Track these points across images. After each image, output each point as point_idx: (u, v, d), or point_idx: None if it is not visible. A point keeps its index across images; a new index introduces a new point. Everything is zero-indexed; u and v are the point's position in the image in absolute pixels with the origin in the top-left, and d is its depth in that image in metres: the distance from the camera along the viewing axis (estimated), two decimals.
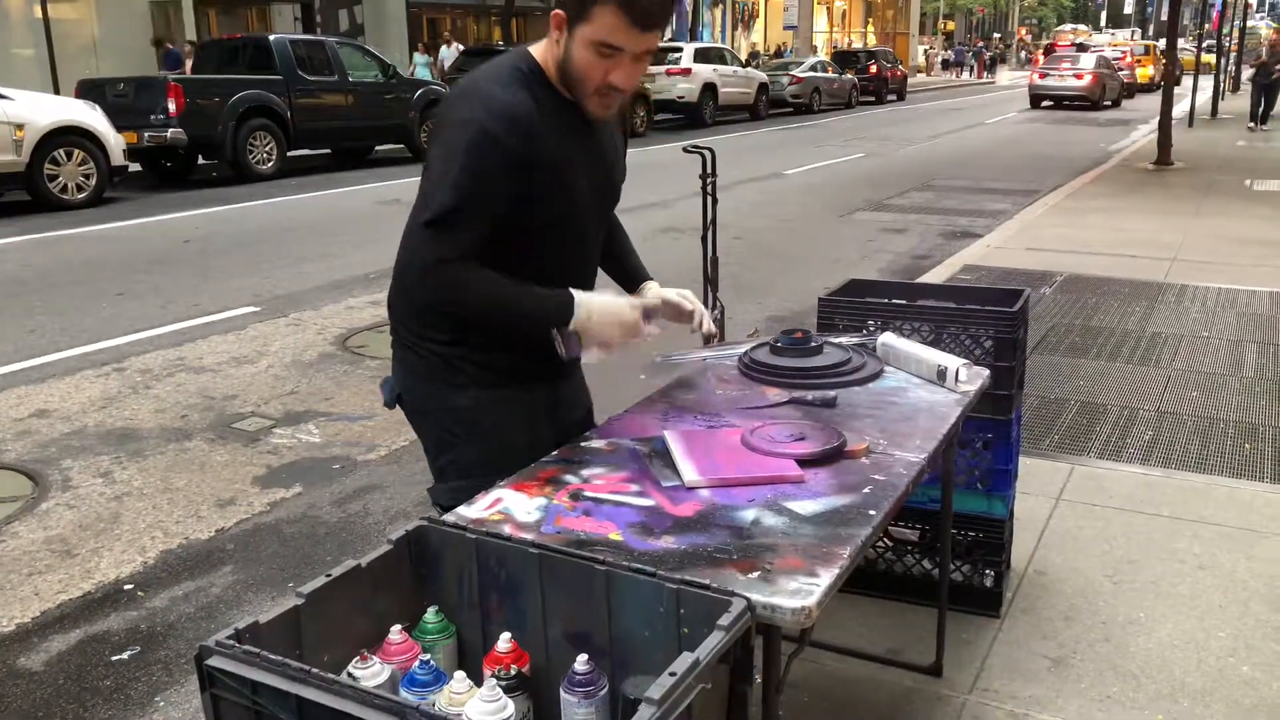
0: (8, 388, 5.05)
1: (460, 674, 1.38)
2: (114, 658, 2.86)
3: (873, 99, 28.57)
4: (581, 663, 1.34)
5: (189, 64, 15.83)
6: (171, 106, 11.87)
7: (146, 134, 11.86)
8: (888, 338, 2.42)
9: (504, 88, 1.80)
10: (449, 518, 1.63)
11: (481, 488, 1.78)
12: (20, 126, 10.05)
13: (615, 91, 1.83)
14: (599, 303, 1.90)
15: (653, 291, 2.23)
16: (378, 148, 15.34)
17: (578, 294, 1.89)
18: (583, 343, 1.92)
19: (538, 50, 1.88)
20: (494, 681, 1.34)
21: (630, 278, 2.26)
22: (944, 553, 2.55)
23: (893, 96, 29.92)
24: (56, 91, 14.18)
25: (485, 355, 1.95)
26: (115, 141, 10.94)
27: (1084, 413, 4.38)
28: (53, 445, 4.35)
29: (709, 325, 2.25)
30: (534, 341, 1.92)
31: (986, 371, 2.32)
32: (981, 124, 21.71)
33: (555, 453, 1.94)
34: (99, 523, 3.65)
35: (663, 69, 20.44)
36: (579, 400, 2.20)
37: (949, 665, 2.54)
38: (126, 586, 3.23)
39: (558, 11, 1.80)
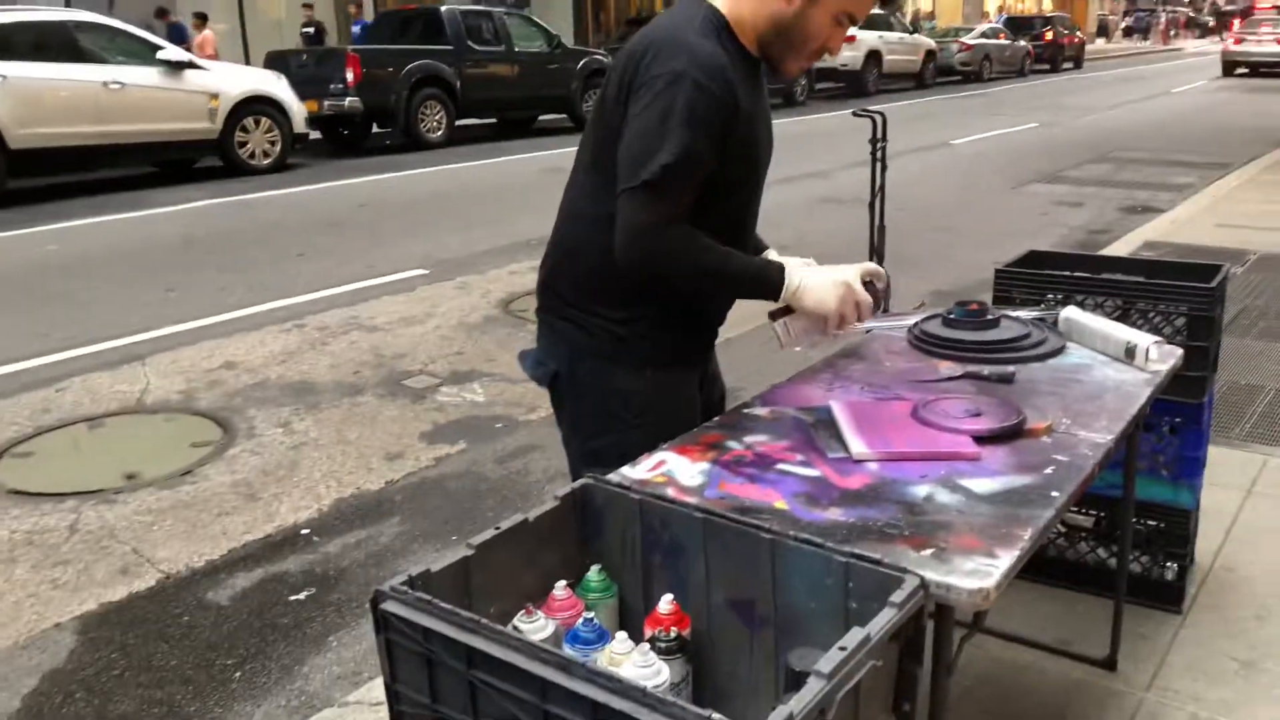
0: (201, 340, 5.41)
1: (623, 634, 1.38)
2: (292, 597, 3.02)
3: (1047, 67, 27.16)
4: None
5: (199, 37, 14.61)
6: (350, 76, 12.39)
7: (326, 102, 12.43)
8: (1070, 312, 2.29)
9: (704, 38, 1.74)
10: (613, 477, 1.63)
11: None
12: (215, 96, 10.68)
13: (822, 55, 1.86)
14: (811, 275, 1.82)
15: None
16: (541, 117, 15.60)
17: (790, 264, 1.83)
18: (785, 321, 1.86)
19: (723, 3, 1.82)
20: (647, 645, 1.34)
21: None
22: (1124, 541, 2.41)
23: (1069, 64, 28.36)
24: (248, 63, 15.00)
25: (658, 334, 1.89)
26: (298, 110, 11.53)
27: None
28: (239, 395, 4.63)
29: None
30: (704, 318, 1.94)
31: (1179, 350, 2.17)
32: (1167, 93, 20.34)
33: (717, 419, 1.92)
34: (279, 470, 3.87)
35: None
36: (718, 377, 2.16)
37: (1124, 660, 2.40)
38: (304, 531, 3.41)
39: None
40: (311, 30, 16.81)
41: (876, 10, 22.10)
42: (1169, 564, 2.66)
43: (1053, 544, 2.76)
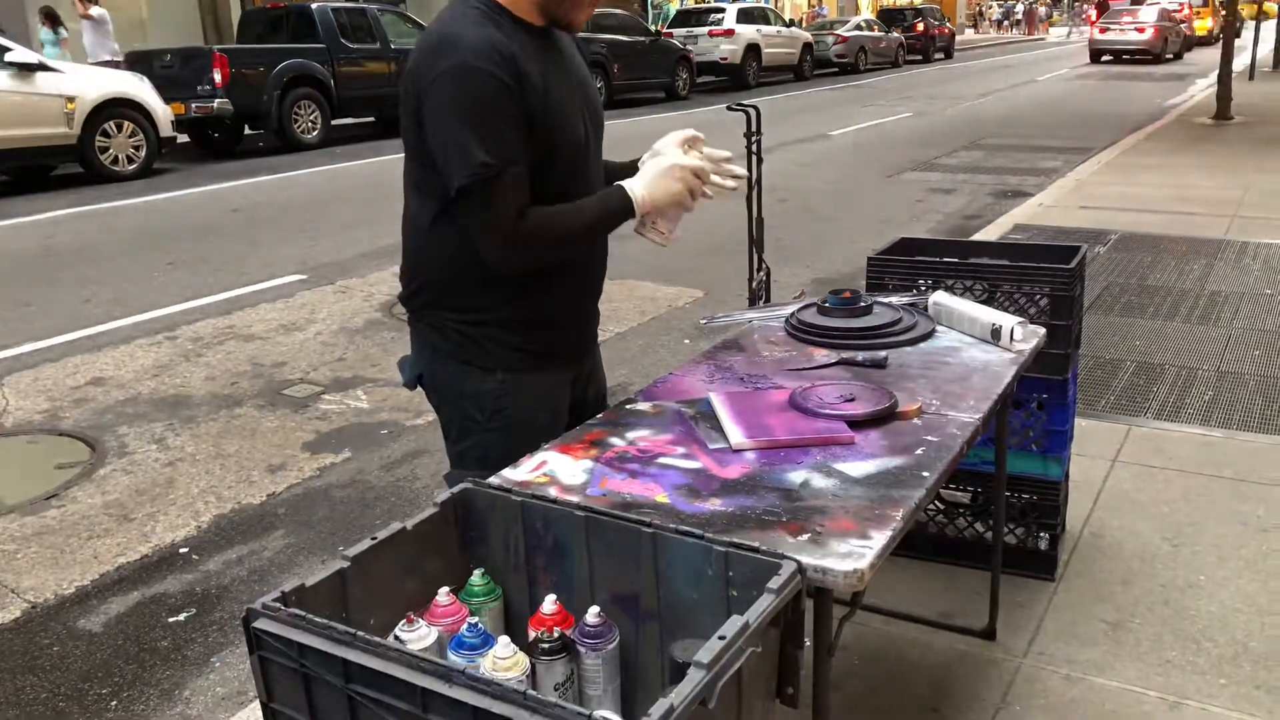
0: (65, 357, 5.15)
1: (505, 638, 1.37)
2: (171, 619, 2.91)
3: (920, 58, 28.03)
4: (593, 614, 1.35)
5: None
6: (217, 77, 11.95)
7: (193, 105, 11.96)
8: (939, 296, 2.36)
9: (470, 26, 1.71)
10: (494, 480, 1.61)
11: None
12: (71, 99, 10.18)
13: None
14: (646, 179, 1.83)
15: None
16: None
17: (625, 184, 1.83)
18: (653, 223, 1.88)
19: None
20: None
21: (617, 173, 2.10)
22: (998, 515, 2.50)
23: (940, 55, 29.32)
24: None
25: (515, 336, 1.88)
26: (163, 113, 11.06)
27: (1141, 373, 4.27)
28: (109, 412, 4.42)
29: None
30: (562, 320, 1.93)
31: (1042, 330, 2.26)
32: (1033, 81, 21.19)
33: (600, 415, 1.92)
34: (154, 488, 3.71)
35: (705, 30, 20.21)
36: (596, 376, 2.13)
37: (1003, 629, 2.50)
38: (182, 550, 3.28)
39: None
40: None
41: (754, 4, 22.47)
42: (1042, 534, 2.78)
43: (933, 521, 2.85)
